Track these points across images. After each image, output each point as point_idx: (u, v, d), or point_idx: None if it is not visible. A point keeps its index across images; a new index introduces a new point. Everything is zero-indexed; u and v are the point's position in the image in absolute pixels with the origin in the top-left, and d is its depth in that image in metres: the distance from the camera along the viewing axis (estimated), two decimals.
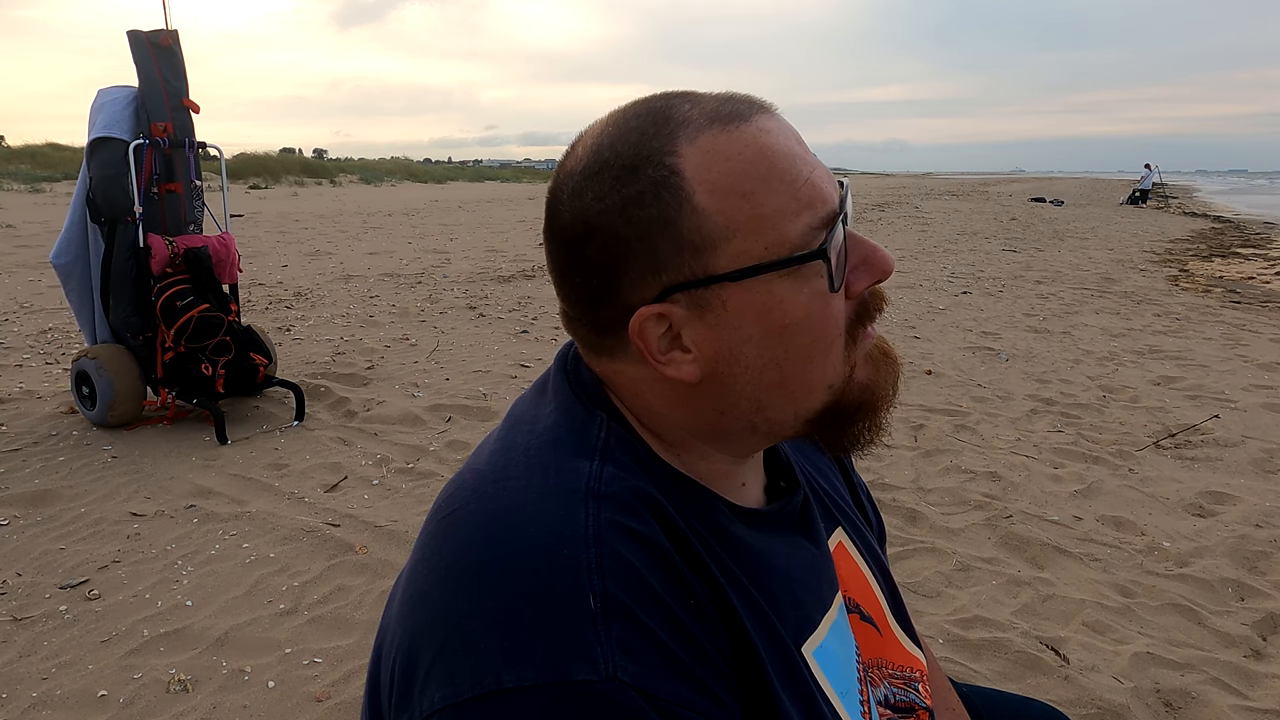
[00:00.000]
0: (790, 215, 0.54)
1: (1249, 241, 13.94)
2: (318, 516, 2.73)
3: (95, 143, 3.37)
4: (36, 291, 6.51)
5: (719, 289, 0.55)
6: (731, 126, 0.55)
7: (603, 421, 0.59)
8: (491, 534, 0.51)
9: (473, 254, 9.89)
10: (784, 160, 0.55)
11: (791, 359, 0.57)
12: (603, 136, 0.57)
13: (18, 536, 2.55)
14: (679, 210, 0.54)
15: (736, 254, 0.54)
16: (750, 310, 0.55)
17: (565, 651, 0.46)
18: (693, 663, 0.50)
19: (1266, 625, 2.22)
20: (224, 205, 3.94)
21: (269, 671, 1.93)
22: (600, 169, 0.56)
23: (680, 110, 0.56)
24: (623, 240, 0.55)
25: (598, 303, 0.58)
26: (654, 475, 0.58)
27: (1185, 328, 6.14)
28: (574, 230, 0.57)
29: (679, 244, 0.54)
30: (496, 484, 0.55)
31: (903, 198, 28.59)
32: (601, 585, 0.48)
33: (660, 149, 0.54)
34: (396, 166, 37.45)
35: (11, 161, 22.79)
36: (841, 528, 0.75)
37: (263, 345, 3.74)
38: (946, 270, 9.20)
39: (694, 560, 0.55)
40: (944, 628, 2.15)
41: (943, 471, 3.23)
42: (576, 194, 0.57)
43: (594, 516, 0.51)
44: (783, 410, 0.59)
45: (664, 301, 0.56)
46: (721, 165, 0.54)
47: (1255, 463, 3.38)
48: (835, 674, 0.62)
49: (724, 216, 0.54)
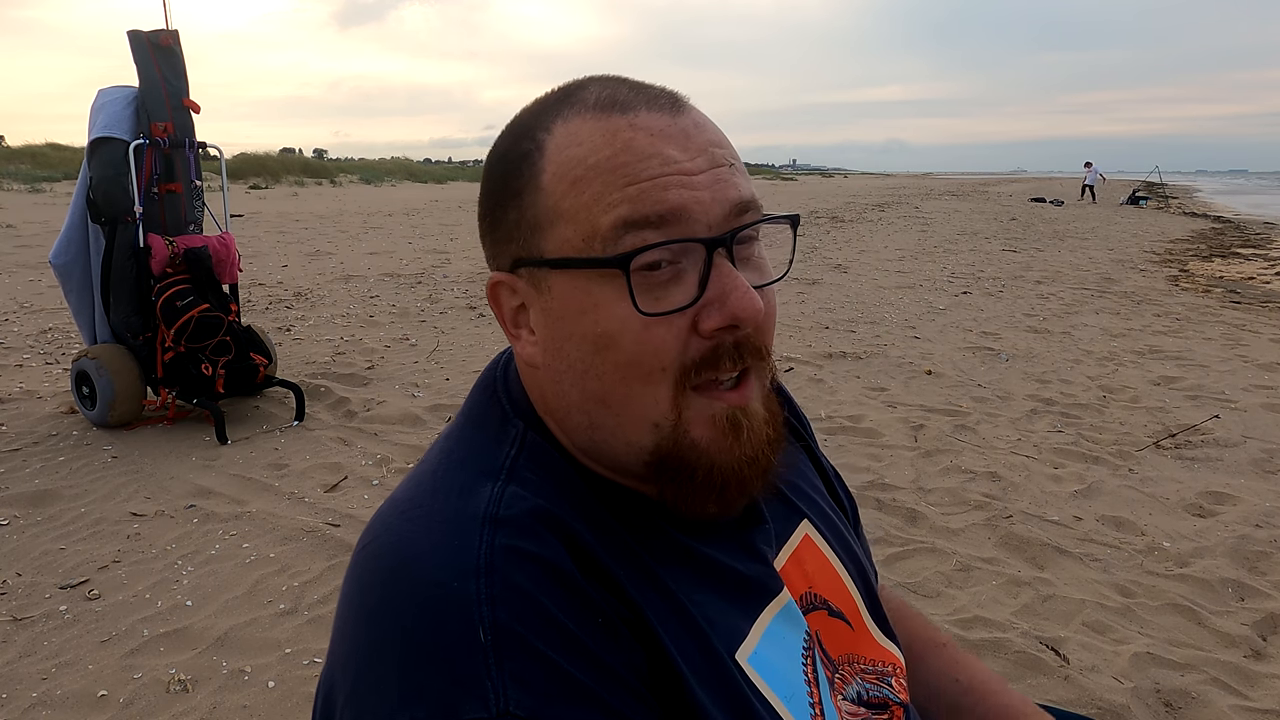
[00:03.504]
0: (605, 207, 0.51)
1: (1249, 242, 13.95)
2: (318, 516, 2.73)
3: (95, 143, 3.38)
4: (37, 291, 6.51)
5: (546, 273, 0.55)
6: (605, 114, 0.53)
7: (516, 435, 0.58)
8: (389, 571, 0.51)
9: (473, 254, 9.88)
10: (633, 155, 0.52)
11: (606, 373, 0.53)
12: (521, 109, 0.60)
13: (18, 536, 2.55)
14: (527, 184, 0.55)
15: (560, 241, 0.53)
16: (570, 305, 0.54)
17: (455, 689, 0.45)
18: (597, 685, 0.48)
19: (1266, 625, 2.22)
20: (224, 205, 3.94)
21: (269, 671, 1.93)
22: (506, 130, 0.59)
23: (585, 92, 0.56)
24: (494, 202, 0.58)
25: (490, 258, 0.60)
26: (570, 486, 0.56)
27: (1185, 328, 6.14)
28: (482, 180, 0.60)
29: (519, 216, 0.55)
30: (402, 515, 0.55)
31: (903, 198, 28.60)
32: (491, 616, 0.47)
33: (540, 124, 0.56)
34: (396, 166, 37.45)
35: (11, 161, 22.79)
36: (808, 519, 0.72)
37: (263, 345, 3.74)
38: (946, 270, 9.20)
39: (603, 577, 0.53)
40: (944, 628, 2.15)
41: (943, 471, 3.23)
42: (492, 148, 0.59)
43: (487, 544, 0.50)
44: (614, 434, 0.55)
45: (512, 272, 0.57)
46: (573, 149, 0.53)
47: (1255, 463, 3.38)
48: (775, 680, 0.59)
49: (555, 200, 0.53)
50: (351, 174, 31.05)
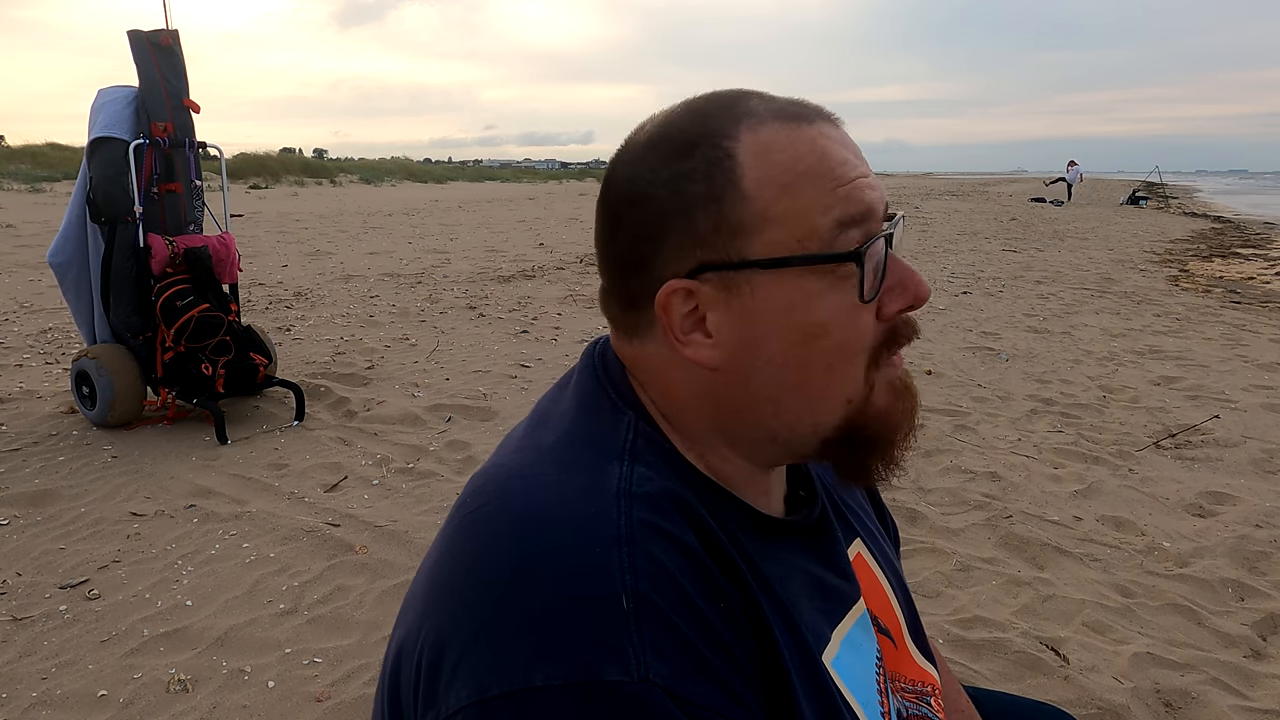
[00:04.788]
0: (822, 209, 0.55)
1: (1249, 242, 13.95)
2: (318, 516, 2.73)
3: (95, 142, 3.37)
4: (37, 291, 6.51)
5: (750, 274, 0.55)
6: (794, 124, 0.56)
7: (630, 421, 0.59)
8: (521, 530, 0.51)
9: (473, 254, 9.89)
10: (833, 162, 0.56)
11: (812, 361, 0.56)
12: (673, 115, 0.59)
13: (18, 536, 2.55)
14: (725, 191, 0.55)
15: (771, 243, 0.55)
16: (777, 302, 0.55)
17: (597, 651, 0.46)
18: (723, 667, 0.49)
19: (1266, 625, 2.22)
20: (224, 205, 3.94)
21: (269, 671, 1.93)
22: (661, 142, 0.57)
23: (750, 102, 0.57)
24: (667, 211, 0.56)
25: (631, 274, 0.58)
26: (684, 476, 0.57)
27: (1185, 328, 6.14)
28: (623, 197, 0.58)
29: (718, 223, 0.55)
30: (525, 480, 0.55)
31: (903, 198, 28.60)
32: (634, 585, 0.47)
33: (720, 131, 0.56)
34: (396, 166, 37.46)
35: (12, 161, 22.79)
36: (860, 539, 0.74)
37: (263, 345, 3.74)
38: (947, 270, 9.20)
39: (726, 564, 0.54)
40: (944, 628, 2.15)
41: (943, 471, 3.23)
42: (634, 164, 0.58)
43: (626, 515, 0.51)
44: (801, 418, 0.58)
45: (694, 278, 0.56)
46: (774, 156, 0.55)
47: (1255, 463, 3.38)
48: (854, 684, 0.61)
49: (764, 204, 0.55)
50: (351, 174, 31.06)
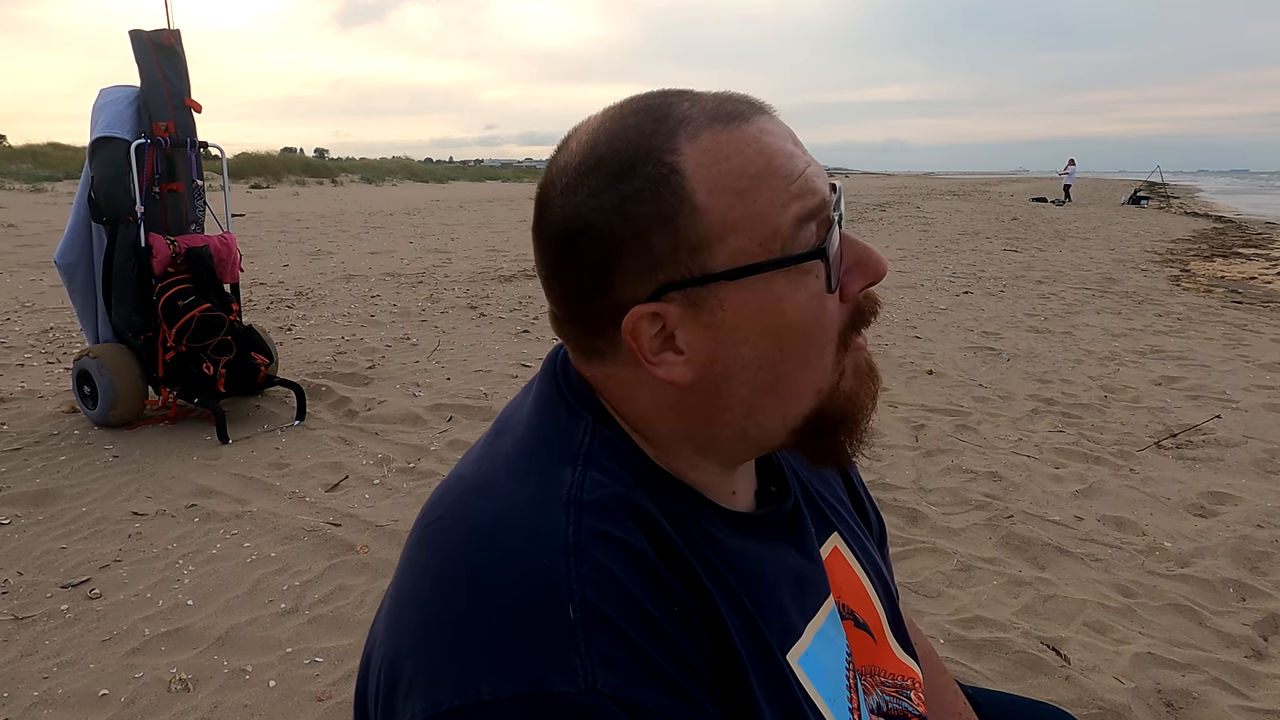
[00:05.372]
0: (780, 208, 0.54)
1: (1250, 241, 13.93)
2: (319, 516, 2.73)
3: (97, 142, 3.38)
4: (38, 291, 6.52)
5: (716, 288, 0.54)
6: (733, 126, 0.54)
7: (587, 425, 0.58)
8: (472, 543, 0.51)
9: (474, 254, 9.89)
10: (781, 158, 0.55)
11: (786, 360, 0.56)
12: (599, 133, 0.56)
13: (19, 535, 2.55)
14: (677, 208, 0.53)
15: (734, 252, 0.54)
16: (748, 309, 0.54)
17: (544, 663, 0.46)
18: (675, 672, 0.49)
19: (1268, 625, 2.22)
20: (225, 205, 3.94)
21: (270, 671, 1.93)
22: (596, 165, 0.54)
23: (680, 108, 0.55)
24: (617, 238, 0.54)
25: (589, 302, 0.56)
26: (642, 478, 0.57)
27: (1187, 328, 6.13)
28: (567, 226, 0.55)
29: (676, 242, 0.53)
30: (478, 491, 0.55)
31: (904, 198, 28.59)
32: (581, 594, 0.48)
33: (660, 146, 0.54)
34: (398, 166, 37.48)
35: (13, 161, 22.83)
36: (837, 533, 0.73)
37: (264, 345, 3.74)
38: (948, 270, 9.19)
39: (680, 566, 0.54)
40: (945, 628, 2.15)
41: (944, 471, 3.23)
42: (570, 190, 0.55)
43: (574, 524, 0.50)
44: (773, 416, 0.58)
45: (658, 300, 0.55)
46: (722, 164, 0.53)
47: (1256, 463, 3.38)
48: (822, 681, 0.61)
49: (720, 215, 0.53)
50: (352, 173, 31.08)
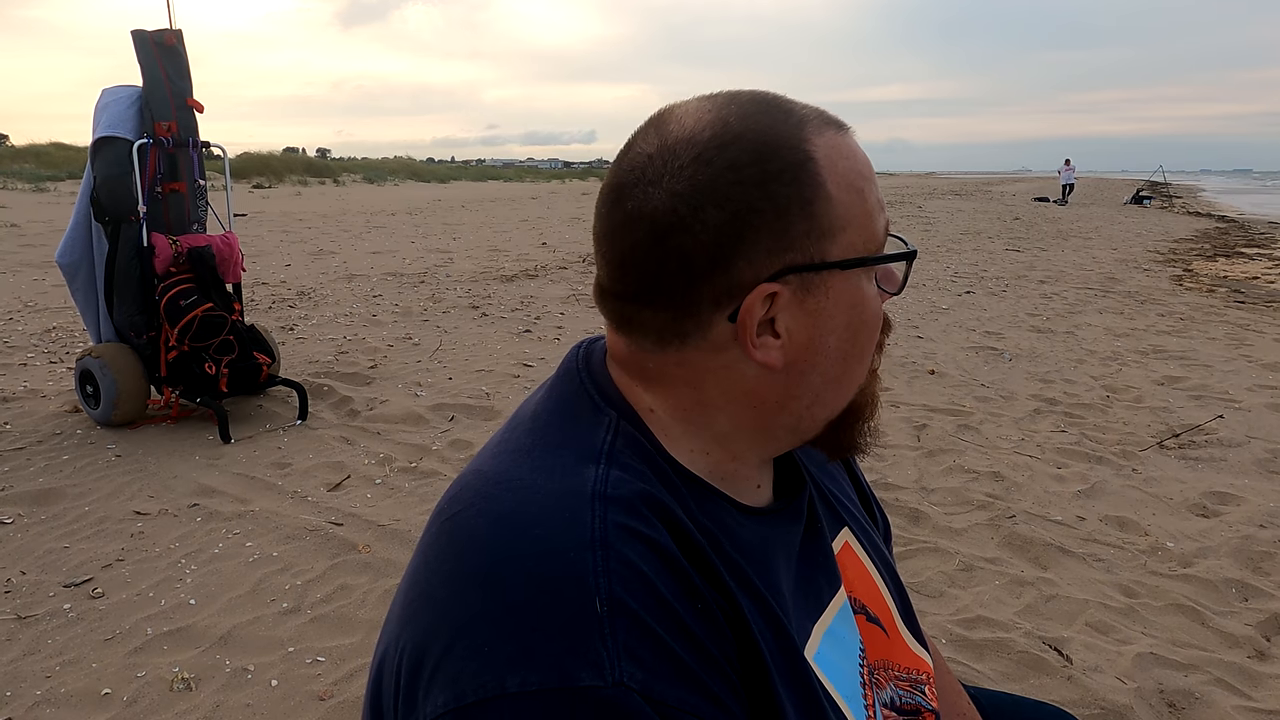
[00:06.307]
0: (876, 214, 0.59)
1: (1253, 241, 13.91)
2: (321, 515, 2.73)
3: (99, 142, 3.38)
4: (41, 290, 6.53)
5: (828, 275, 0.57)
6: (842, 131, 0.59)
7: (611, 421, 0.58)
8: (497, 536, 0.51)
9: (476, 253, 9.90)
10: (871, 169, 0.59)
11: (854, 354, 0.59)
12: (727, 116, 0.56)
13: (22, 535, 2.56)
14: (815, 193, 0.55)
15: (847, 245, 0.57)
16: (844, 301, 0.57)
17: (571, 657, 0.46)
18: (699, 668, 0.49)
19: (1270, 626, 2.22)
20: (227, 204, 3.94)
21: (272, 670, 1.93)
22: (734, 141, 0.54)
23: (796, 106, 0.58)
24: (757, 213, 0.54)
25: (697, 279, 0.55)
26: (663, 476, 0.57)
27: (1189, 328, 6.12)
28: (693, 201, 0.54)
29: (809, 225, 0.55)
30: (501, 486, 0.54)
31: (906, 197, 28.58)
32: (608, 589, 0.48)
33: (797, 135, 0.56)
34: (400, 166, 37.51)
35: (16, 161, 22.87)
36: (848, 528, 0.74)
37: (266, 344, 3.74)
38: (950, 270, 9.19)
39: (702, 564, 0.54)
40: (947, 628, 2.14)
41: (946, 471, 3.23)
42: (701, 162, 0.54)
43: (600, 519, 0.50)
44: (827, 407, 0.61)
45: (777, 280, 0.55)
46: (843, 162, 0.57)
47: (1259, 463, 3.37)
48: (837, 678, 0.61)
49: (845, 208, 0.56)
50: (354, 173, 31.12)
